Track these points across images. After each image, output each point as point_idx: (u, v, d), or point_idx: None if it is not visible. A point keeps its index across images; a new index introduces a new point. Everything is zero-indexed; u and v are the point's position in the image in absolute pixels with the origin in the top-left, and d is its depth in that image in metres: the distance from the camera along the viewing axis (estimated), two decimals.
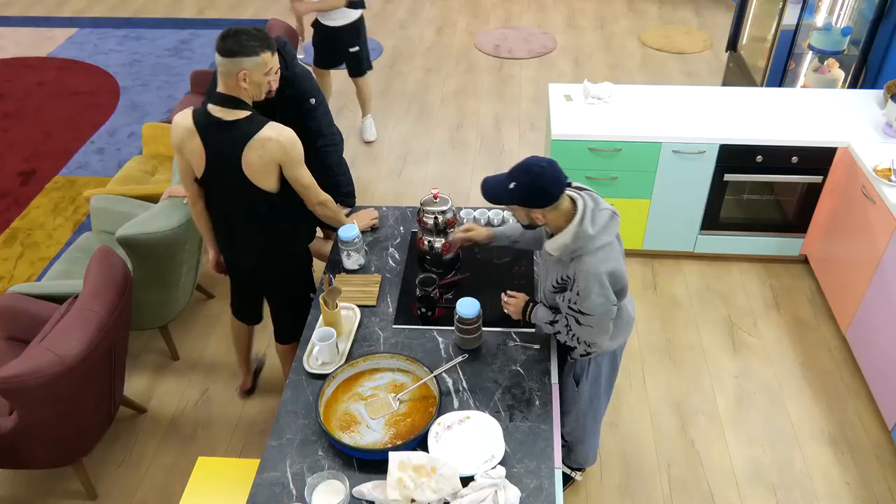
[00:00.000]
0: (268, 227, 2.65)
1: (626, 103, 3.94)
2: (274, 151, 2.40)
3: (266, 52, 2.34)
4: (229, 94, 2.38)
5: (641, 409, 3.33)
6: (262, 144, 2.38)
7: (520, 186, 2.03)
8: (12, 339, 3.10)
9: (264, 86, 2.41)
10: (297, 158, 2.47)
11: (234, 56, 2.29)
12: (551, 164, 2.04)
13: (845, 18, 4.49)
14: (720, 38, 6.60)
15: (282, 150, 2.41)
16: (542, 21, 7.08)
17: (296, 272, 2.90)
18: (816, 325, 3.72)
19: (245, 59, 2.30)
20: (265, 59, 2.34)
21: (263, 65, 2.34)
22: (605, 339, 2.19)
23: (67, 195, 4.82)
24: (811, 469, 3.06)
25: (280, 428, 2.23)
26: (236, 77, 2.32)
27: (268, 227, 2.65)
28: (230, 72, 2.31)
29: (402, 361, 2.35)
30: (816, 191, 3.77)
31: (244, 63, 2.30)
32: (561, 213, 2.09)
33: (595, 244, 2.07)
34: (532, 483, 2.05)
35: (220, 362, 3.61)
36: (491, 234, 2.57)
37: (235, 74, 2.32)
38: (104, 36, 6.98)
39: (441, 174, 4.91)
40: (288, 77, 2.85)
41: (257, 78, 2.35)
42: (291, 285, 2.91)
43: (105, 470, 3.13)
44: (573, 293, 2.12)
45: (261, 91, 2.42)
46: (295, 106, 2.91)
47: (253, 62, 2.31)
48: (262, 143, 2.38)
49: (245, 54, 2.29)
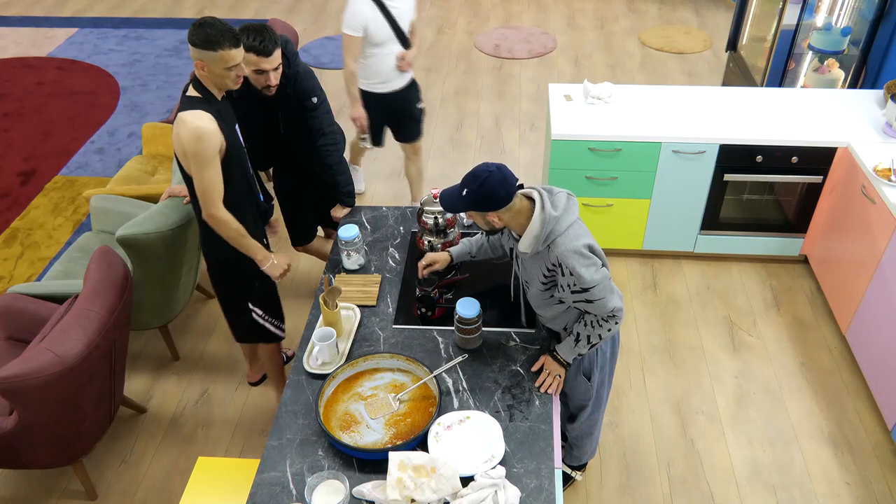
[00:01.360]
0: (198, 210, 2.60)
1: (626, 103, 3.94)
2: (183, 135, 2.37)
3: (228, 48, 2.33)
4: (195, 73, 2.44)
5: (641, 408, 3.33)
6: (178, 124, 2.39)
7: (470, 192, 2.10)
8: (12, 339, 3.10)
9: (227, 79, 2.40)
10: (193, 153, 2.39)
11: (193, 45, 2.33)
12: (499, 168, 2.10)
13: (845, 18, 4.50)
14: (720, 38, 6.60)
15: (183, 138, 2.37)
16: (542, 21, 7.08)
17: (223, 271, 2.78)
18: (816, 325, 3.72)
19: (201, 51, 2.32)
20: (224, 55, 2.33)
21: (222, 60, 2.34)
22: (616, 299, 2.20)
23: (67, 195, 4.82)
24: (811, 469, 3.06)
25: (280, 428, 2.23)
26: (196, 63, 2.37)
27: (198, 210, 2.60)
28: (193, 58, 2.36)
29: (402, 361, 2.35)
30: (816, 191, 3.77)
31: (201, 55, 2.33)
32: (517, 212, 2.15)
33: (563, 224, 2.12)
34: (532, 483, 2.05)
35: (220, 362, 3.61)
36: (448, 257, 2.60)
37: (195, 61, 2.37)
38: (104, 36, 6.98)
39: (441, 174, 4.91)
40: (290, 75, 2.86)
41: (216, 70, 2.37)
42: (222, 284, 2.84)
43: (105, 470, 3.13)
44: (566, 277, 2.13)
45: (224, 82, 2.42)
46: (297, 104, 2.92)
47: (209, 55, 2.33)
48: (178, 122, 2.39)
49: (201, 47, 2.32)
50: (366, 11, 3.52)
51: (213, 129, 2.38)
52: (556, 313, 2.34)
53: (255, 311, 2.88)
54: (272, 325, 2.97)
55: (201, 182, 2.45)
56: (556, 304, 2.30)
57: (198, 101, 2.42)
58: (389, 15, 3.58)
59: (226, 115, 2.50)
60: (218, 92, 2.47)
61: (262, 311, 2.90)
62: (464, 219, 3.00)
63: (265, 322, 2.93)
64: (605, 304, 2.16)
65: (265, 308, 2.91)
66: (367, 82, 3.80)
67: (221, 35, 2.32)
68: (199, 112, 2.38)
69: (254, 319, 2.90)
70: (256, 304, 2.87)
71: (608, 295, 2.16)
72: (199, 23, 2.33)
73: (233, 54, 2.36)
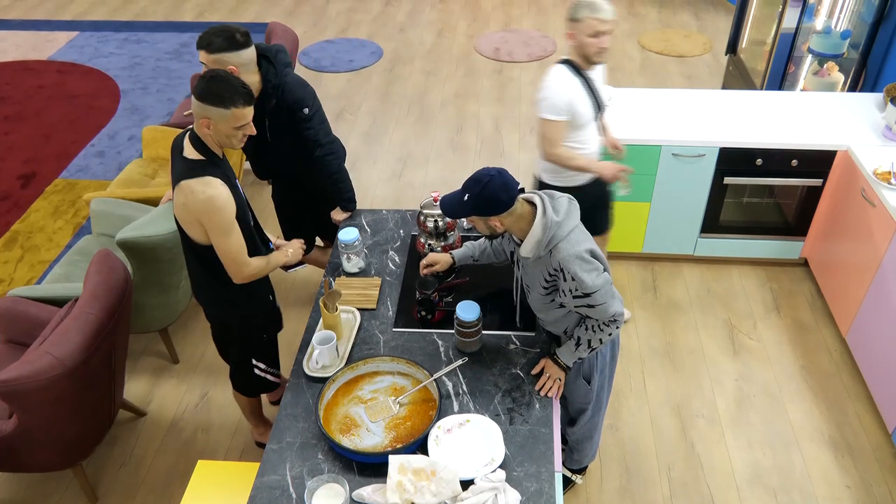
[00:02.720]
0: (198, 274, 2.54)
1: (626, 106, 3.94)
2: (193, 206, 2.24)
3: (241, 106, 2.18)
4: (196, 131, 2.27)
5: (641, 411, 3.33)
6: (185, 193, 2.23)
7: (472, 197, 2.10)
8: (12, 342, 3.10)
9: (234, 138, 2.24)
10: (214, 224, 2.27)
11: (200, 100, 2.16)
12: (500, 172, 2.10)
13: (845, 22, 4.50)
14: (720, 42, 6.61)
15: (196, 210, 2.24)
16: (542, 24, 7.08)
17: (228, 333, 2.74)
18: (816, 328, 3.72)
19: (208, 108, 2.16)
20: (236, 114, 2.18)
21: (233, 118, 2.18)
22: (617, 303, 2.20)
23: (67, 198, 4.82)
24: (811, 472, 3.06)
25: (280, 431, 2.23)
26: (200, 121, 2.20)
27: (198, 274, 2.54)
28: (197, 114, 2.19)
29: (402, 365, 2.35)
30: (816, 194, 3.77)
31: (207, 111, 2.17)
32: (519, 216, 2.14)
33: (564, 229, 2.12)
34: (532, 486, 2.05)
35: (220, 366, 3.61)
36: (450, 259, 2.59)
37: (200, 118, 2.20)
38: (104, 39, 6.99)
39: (441, 177, 4.92)
40: (277, 85, 2.78)
41: (224, 129, 2.20)
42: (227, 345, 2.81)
43: (105, 473, 3.13)
44: (568, 282, 2.13)
45: (230, 142, 2.26)
46: (287, 115, 2.86)
47: (217, 113, 2.16)
48: (185, 192, 2.23)
49: (210, 102, 2.15)
50: (571, 89, 2.86)
51: (226, 195, 2.24)
52: (557, 317, 2.34)
53: (259, 366, 2.81)
54: (271, 376, 2.90)
55: (228, 249, 2.32)
56: (556, 309, 2.30)
57: (202, 166, 2.25)
58: (592, 90, 2.96)
59: (231, 173, 2.37)
60: (219, 150, 2.31)
61: (264, 364, 2.83)
62: (464, 222, 3.00)
63: (265, 374, 2.87)
64: (606, 308, 2.17)
65: (267, 361, 2.84)
66: (560, 177, 3.09)
67: (234, 91, 2.15)
68: (209, 180, 2.22)
69: (255, 374, 2.83)
70: (260, 360, 2.81)
71: (609, 300, 2.16)
72: (210, 77, 2.15)
73: (244, 113, 2.19)
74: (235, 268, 2.39)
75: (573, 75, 2.89)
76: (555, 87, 2.86)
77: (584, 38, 2.80)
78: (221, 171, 2.29)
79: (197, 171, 2.24)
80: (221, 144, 2.29)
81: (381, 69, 6.29)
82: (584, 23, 2.77)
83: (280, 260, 2.59)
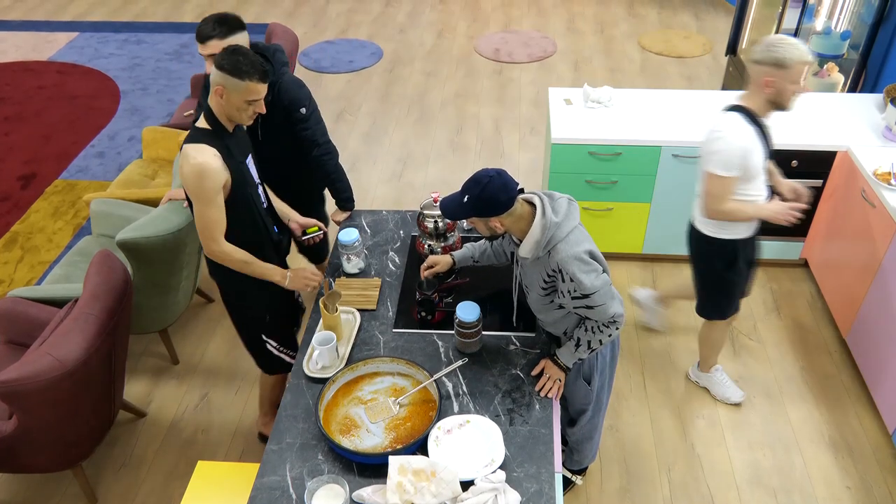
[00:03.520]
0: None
1: (626, 107, 3.94)
2: (184, 169, 2.29)
3: (256, 81, 2.26)
4: (208, 101, 2.34)
5: (642, 412, 3.33)
6: (182, 157, 2.30)
7: (472, 198, 2.10)
8: (12, 342, 3.10)
9: (244, 112, 2.31)
10: (194, 190, 2.30)
11: (220, 69, 2.24)
12: (500, 173, 2.10)
13: (845, 22, 4.50)
14: (720, 42, 6.61)
15: (185, 173, 2.28)
16: (542, 25, 7.09)
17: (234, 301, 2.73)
18: (816, 329, 3.72)
19: (226, 77, 2.24)
20: (249, 87, 2.26)
21: (246, 91, 2.26)
22: (616, 304, 2.20)
23: (68, 199, 4.82)
24: (812, 473, 3.06)
25: (280, 432, 2.23)
26: (215, 88, 2.27)
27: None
28: (213, 81, 2.27)
29: (402, 365, 2.35)
30: (816, 194, 3.77)
31: (225, 80, 2.24)
32: (519, 216, 2.14)
33: (564, 230, 2.12)
34: (532, 487, 2.05)
35: (220, 366, 3.61)
36: (451, 261, 2.59)
37: (215, 85, 2.27)
38: (105, 40, 6.99)
39: (441, 178, 4.92)
40: (273, 83, 2.79)
41: (235, 100, 2.28)
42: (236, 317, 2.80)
43: (104, 474, 3.13)
44: (567, 283, 2.13)
45: (239, 115, 2.32)
46: (282, 116, 2.86)
47: (233, 83, 2.24)
48: (182, 155, 2.30)
49: (228, 72, 2.23)
50: (746, 142, 2.57)
51: (215, 166, 2.28)
52: (557, 318, 2.34)
53: (270, 342, 2.81)
54: (288, 357, 2.90)
55: (200, 219, 2.36)
56: (556, 310, 2.30)
57: (205, 134, 2.32)
58: (766, 138, 2.67)
59: (236, 149, 2.40)
60: (229, 124, 2.37)
61: (276, 342, 2.83)
62: (463, 223, 3.00)
63: (281, 354, 2.87)
64: (605, 310, 2.16)
65: (280, 340, 2.84)
66: (726, 230, 2.81)
67: (252, 66, 2.24)
68: (203, 147, 2.28)
69: (269, 351, 2.84)
70: (270, 336, 2.81)
71: (609, 301, 2.16)
72: (232, 49, 2.26)
73: (258, 88, 2.28)
74: (204, 240, 2.42)
75: (748, 124, 2.58)
76: (730, 139, 2.55)
77: (787, 84, 2.52)
78: (223, 143, 2.34)
79: (197, 138, 2.31)
80: (230, 117, 2.34)
81: (382, 70, 6.30)
82: (794, 69, 2.48)
83: (273, 272, 2.56)
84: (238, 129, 2.47)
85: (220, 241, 2.42)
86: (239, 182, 2.39)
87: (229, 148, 2.36)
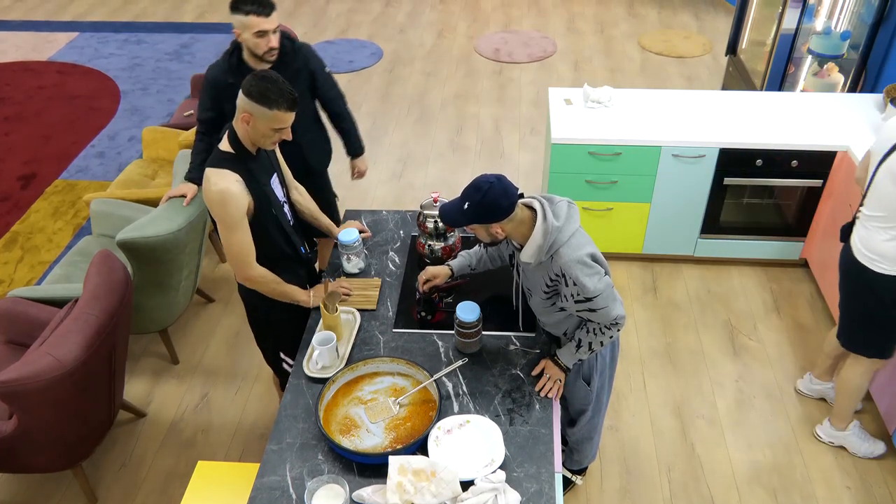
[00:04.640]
0: None
1: (626, 107, 3.94)
2: (207, 194, 2.30)
3: (284, 110, 2.23)
4: (234, 125, 2.33)
5: (642, 412, 3.33)
6: (204, 181, 2.31)
7: (472, 205, 2.08)
8: (12, 342, 3.10)
9: (269, 139, 2.29)
10: (218, 217, 2.31)
11: (248, 96, 2.22)
12: (499, 178, 2.10)
13: (845, 22, 4.50)
14: (720, 42, 6.61)
15: (209, 199, 2.29)
16: (542, 25, 7.09)
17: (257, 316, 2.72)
18: (817, 329, 3.72)
19: (253, 104, 2.21)
20: (277, 116, 2.23)
21: (274, 119, 2.23)
22: (619, 307, 2.20)
23: (68, 199, 4.82)
24: (811, 473, 3.06)
25: (280, 432, 2.23)
26: (241, 115, 2.26)
27: None
28: (240, 107, 2.25)
29: (402, 365, 2.35)
30: (816, 194, 3.77)
31: (252, 107, 2.22)
32: (520, 221, 2.14)
33: (565, 234, 2.12)
34: (532, 487, 2.05)
35: (220, 366, 3.61)
36: (449, 272, 2.58)
37: (241, 112, 2.25)
38: (105, 40, 6.99)
39: (441, 178, 4.92)
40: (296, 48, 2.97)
41: (261, 127, 2.26)
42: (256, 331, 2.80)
43: (104, 474, 3.13)
44: (570, 287, 2.13)
45: (264, 142, 2.31)
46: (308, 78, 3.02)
47: (260, 111, 2.22)
48: (205, 179, 2.31)
49: (255, 100, 2.20)
50: None
51: (237, 192, 2.27)
52: (558, 319, 2.34)
53: (287, 360, 2.80)
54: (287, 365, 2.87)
55: (230, 247, 2.35)
56: (557, 312, 2.30)
57: (227, 159, 2.31)
58: None
59: (259, 171, 2.39)
60: (252, 147, 2.35)
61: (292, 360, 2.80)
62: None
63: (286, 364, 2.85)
64: (608, 312, 2.16)
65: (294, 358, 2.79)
66: None
67: (280, 94, 2.20)
68: (225, 173, 2.27)
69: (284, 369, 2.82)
70: (288, 355, 2.79)
71: (611, 303, 2.16)
72: (261, 76, 2.22)
73: (285, 117, 2.25)
74: (238, 267, 2.42)
75: None
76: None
77: None
78: (245, 167, 2.34)
79: (220, 162, 2.31)
80: (255, 142, 2.33)
81: (381, 70, 6.30)
82: None
83: (298, 293, 2.56)
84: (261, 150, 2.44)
85: (253, 266, 2.42)
86: (263, 204, 2.39)
87: (252, 171, 2.35)
